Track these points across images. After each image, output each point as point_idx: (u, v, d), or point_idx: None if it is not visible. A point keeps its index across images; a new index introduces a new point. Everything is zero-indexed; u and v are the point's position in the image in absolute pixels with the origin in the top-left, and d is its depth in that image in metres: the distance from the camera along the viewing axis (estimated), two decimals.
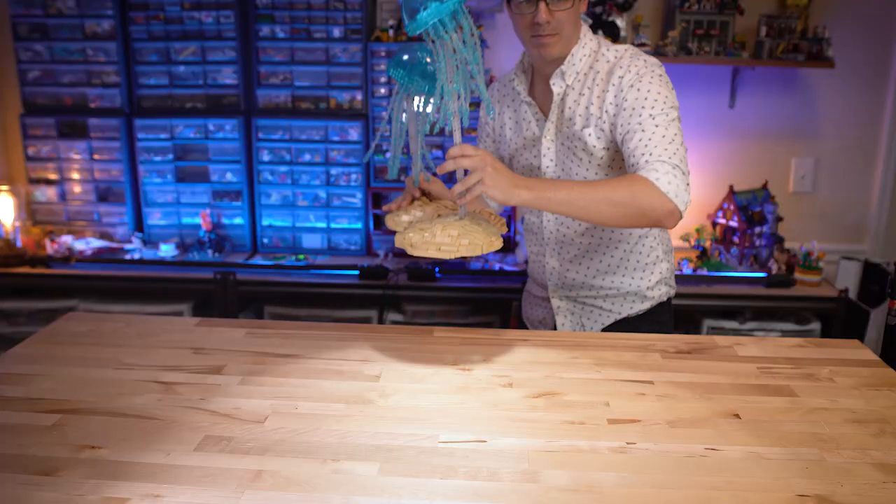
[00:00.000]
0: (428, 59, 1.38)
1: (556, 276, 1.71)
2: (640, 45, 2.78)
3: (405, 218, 1.44)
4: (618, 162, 1.55)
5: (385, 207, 1.55)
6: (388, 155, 1.32)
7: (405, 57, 1.41)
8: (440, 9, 1.22)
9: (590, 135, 1.52)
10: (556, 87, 1.55)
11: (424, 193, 1.55)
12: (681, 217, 1.36)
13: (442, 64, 1.25)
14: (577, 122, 1.54)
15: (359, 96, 2.88)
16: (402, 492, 0.94)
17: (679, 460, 1.02)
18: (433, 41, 1.25)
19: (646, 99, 1.44)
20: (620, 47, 1.55)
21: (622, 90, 1.47)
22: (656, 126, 1.41)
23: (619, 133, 1.47)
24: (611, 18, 2.82)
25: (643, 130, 1.41)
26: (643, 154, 1.39)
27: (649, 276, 1.68)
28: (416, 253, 1.27)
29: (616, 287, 1.67)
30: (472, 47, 1.24)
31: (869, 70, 2.95)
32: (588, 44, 1.55)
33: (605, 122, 1.51)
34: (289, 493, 0.93)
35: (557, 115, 1.58)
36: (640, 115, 1.43)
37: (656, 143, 1.39)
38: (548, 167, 1.61)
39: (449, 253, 1.24)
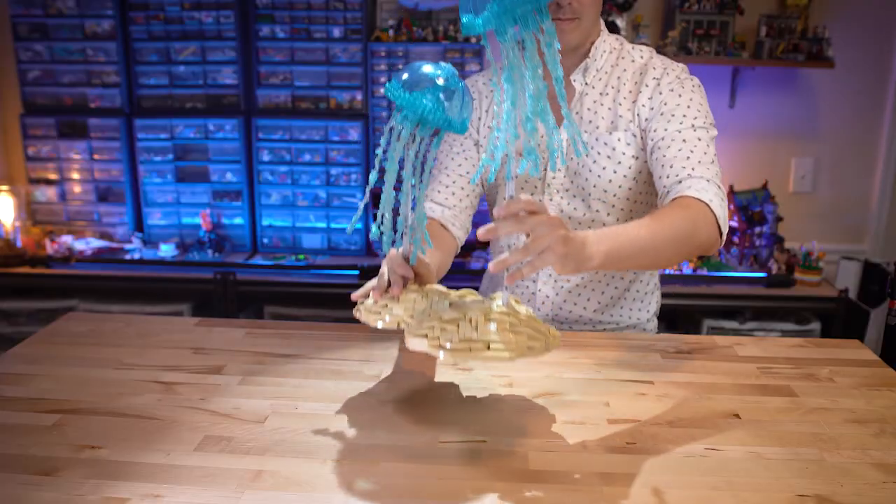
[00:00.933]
0: (442, 80, 1.05)
1: (549, 308, 1.53)
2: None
3: (398, 311, 1.10)
4: (644, 175, 1.41)
5: (358, 295, 1.17)
6: (381, 138, 1.10)
7: (418, 75, 1.06)
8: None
9: (619, 140, 1.39)
10: (578, 83, 1.41)
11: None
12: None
13: (508, 86, 0.95)
14: (601, 125, 1.41)
15: (359, 96, 2.88)
16: (403, 492, 0.94)
17: (679, 460, 1.02)
18: (503, 51, 0.96)
19: (688, 107, 1.34)
20: (644, 48, 1.45)
21: (660, 92, 1.37)
22: (699, 140, 1.31)
23: (651, 138, 1.35)
24: (611, 18, 2.82)
25: (685, 141, 1.30)
26: (685, 167, 1.27)
27: (647, 306, 1.60)
28: (456, 359, 0.95)
29: (616, 321, 1.55)
30: (554, 61, 0.96)
31: (869, 70, 2.95)
32: (609, 39, 1.44)
33: (636, 127, 1.39)
34: (289, 493, 0.93)
35: (573, 116, 1.45)
36: (682, 123, 1.32)
37: (699, 157, 1.28)
38: (554, 178, 1.45)
39: (513, 357, 0.95)
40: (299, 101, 2.90)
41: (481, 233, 0.98)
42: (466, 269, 2.71)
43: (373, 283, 1.16)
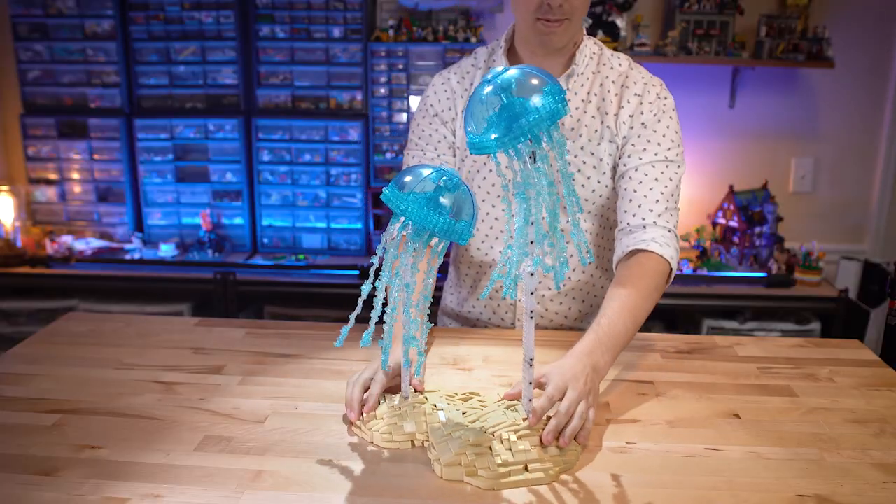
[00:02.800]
0: (449, 201, 1.01)
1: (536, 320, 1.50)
2: (640, 45, 2.78)
3: (409, 427, 1.05)
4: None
5: (354, 414, 1.09)
6: (378, 247, 1.02)
7: (423, 186, 1.01)
8: (543, 115, 0.90)
9: (605, 151, 1.38)
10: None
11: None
12: None
13: (521, 201, 0.93)
14: (585, 133, 1.39)
15: (359, 96, 2.88)
16: (403, 491, 0.94)
17: (679, 460, 1.02)
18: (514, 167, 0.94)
19: (664, 136, 1.35)
20: (621, 56, 1.43)
21: (641, 112, 1.36)
22: (669, 180, 1.34)
23: (624, 163, 1.36)
24: (611, 18, 2.82)
25: (656, 179, 1.33)
26: (652, 211, 1.31)
27: None
28: (495, 487, 0.94)
29: None
30: (569, 183, 0.96)
31: (869, 70, 2.95)
32: (589, 44, 1.41)
33: (618, 139, 1.38)
34: (289, 493, 0.93)
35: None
36: (656, 155, 1.34)
37: (665, 202, 1.33)
38: None
39: (553, 478, 0.97)
40: (299, 101, 2.90)
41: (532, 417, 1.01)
42: None
43: (356, 396, 1.10)
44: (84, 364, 1.30)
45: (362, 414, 1.09)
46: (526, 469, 0.96)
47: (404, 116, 2.87)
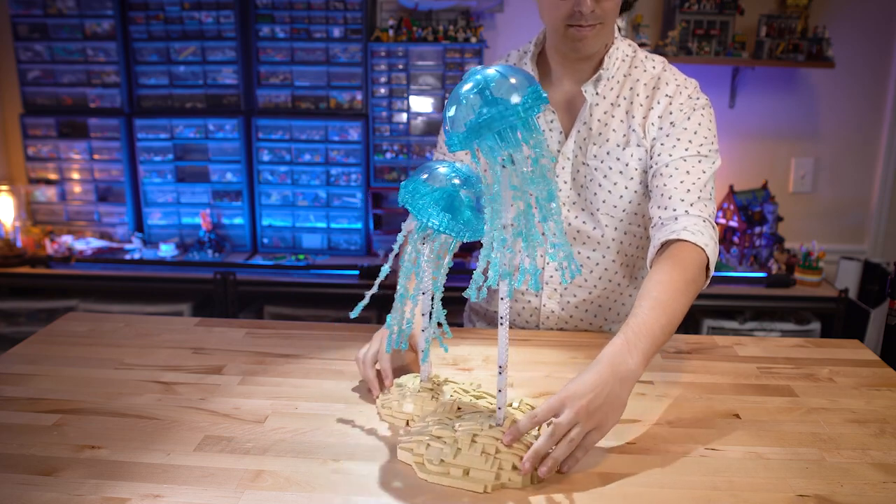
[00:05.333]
0: (464, 194, 1.01)
1: (554, 322, 1.50)
2: (640, 45, 2.77)
3: (408, 408, 1.10)
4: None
5: (377, 391, 1.18)
6: (383, 262, 1.01)
7: (437, 181, 1.00)
8: (504, 113, 0.89)
9: (632, 156, 1.35)
10: (589, 94, 1.35)
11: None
12: None
13: (495, 205, 0.92)
14: (613, 138, 1.36)
15: (359, 96, 2.88)
16: (402, 492, 0.94)
17: (679, 460, 1.02)
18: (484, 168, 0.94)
19: (695, 132, 1.31)
20: (657, 58, 1.40)
21: (670, 112, 1.33)
22: (702, 172, 1.29)
23: (655, 161, 1.33)
24: None
25: (687, 172, 1.29)
26: (683, 201, 1.27)
27: None
28: (432, 480, 0.96)
29: None
30: (543, 179, 0.92)
31: (869, 70, 2.95)
32: (622, 46, 1.38)
33: (647, 142, 1.35)
34: (289, 493, 0.93)
35: (581, 127, 1.38)
36: (687, 150, 1.30)
37: (698, 192, 1.27)
38: (560, 190, 1.39)
39: (485, 489, 0.94)
40: (299, 101, 2.90)
41: (507, 440, 0.96)
42: (466, 268, 2.71)
43: (371, 375, 1.20)
44: (84, 364, 1.30)
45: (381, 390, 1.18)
46: (467, 474, 0.95)
47: (404, 116, 2.87)
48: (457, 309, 1.68)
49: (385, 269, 1.05)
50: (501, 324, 0.98)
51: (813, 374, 1.30)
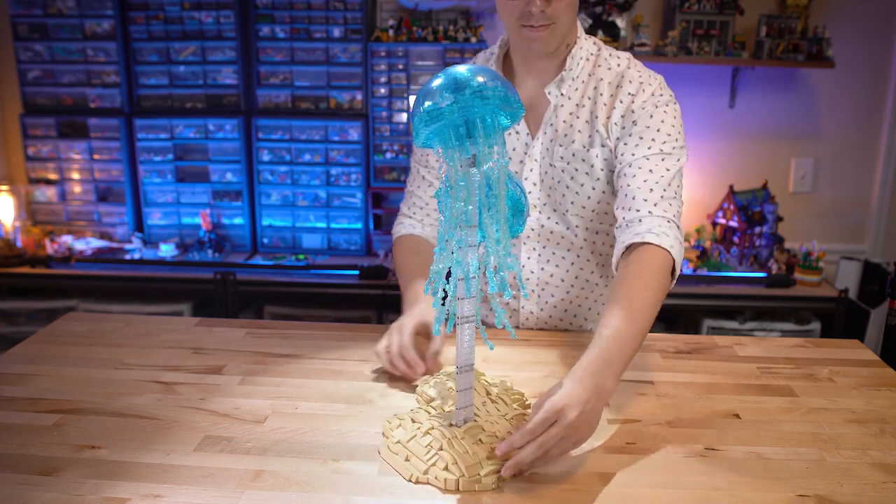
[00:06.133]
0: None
1: (534, 323, 1.51)
2: (640, 45, 2.78)
3: (432, 393, 1.13)
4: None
5: (420, 369, 1.24)
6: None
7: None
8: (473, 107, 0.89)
9: (597, 156, 1.34)
10: (553, 96, 1.35)
11: None
12: None
13: (446, 200, 0.94)
14: (578, 139, 1.35)
15: (359, 96, 2.88)
16: (402, 492, 0.94)
17: (679, 460, 1.02)
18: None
19: (658, 130, 1.30)
20: (622, 54, 1.39)
21: (633, 111, 1.31)
22: (666, 170, 1.27)
23: (620, 161, 1.32)
24: (611, 18, 2.82)
25: (651, 171, 1.27)
26: (647, 201, 1.25)
27: None
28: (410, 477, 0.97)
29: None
30: (505, 181, 0.94)
31: (869, 70, 2.95)
32: (586, 45, 1.37)
33: (610, 142, 1.34)
34: (289, 493, 0.93)
35: (547, 129, 1.37)
36: (650, 149, 1.29)
37: (661, 192, 1.26)
38: (530, 192, 1.40)
39: (450, 490, 0.95)
40: (299, 101, 2.90)
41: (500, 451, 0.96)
42: None
43: (402, 367, 1.25)
44: (84, 364, 1.30)
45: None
46: (407, 460, 0.98)
47: (404, 116, 2.87)
48: None
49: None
50: (462, 323, 0.98)
51: (813, 374, 1.30)
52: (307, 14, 2.82)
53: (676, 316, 2.86)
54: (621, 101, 1.33)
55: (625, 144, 1.31)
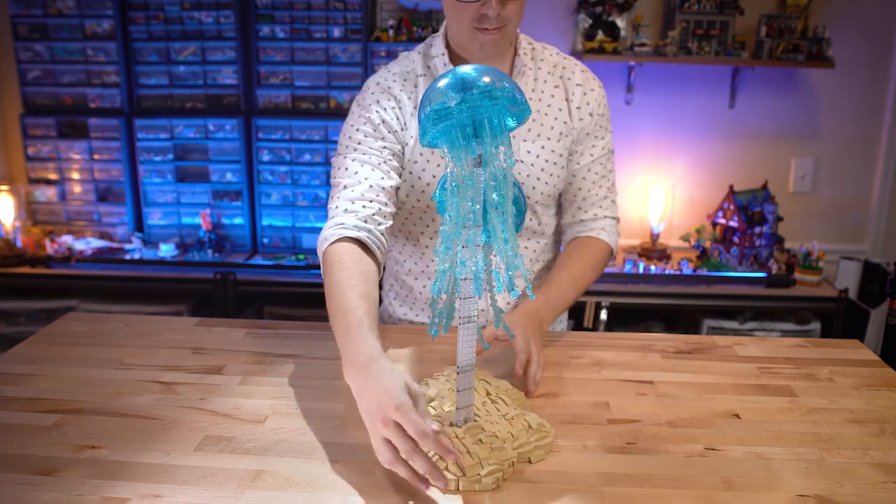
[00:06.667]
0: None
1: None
2: (640, 45, 2.78)
3: (431, 392, 1.12)
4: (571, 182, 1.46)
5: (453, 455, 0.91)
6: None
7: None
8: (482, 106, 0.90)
9: (564, 147, 1.41)
10: None
11: None
12: None
13: (453, 199, 0.92)
14: (543, 132, 1.40)
15: None
16: (402, 492, 0.94)
17: (679, 460, 1.02)
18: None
19: (606, 129, 1.45)
20: (548, 46, 1.44)
21: (587, 104, 1.41)
22: (609, 171, 1.48)
23: (577, 161, 1.43)
24: (611, 18, 2.82)
25: (600, 175, 1.46)
26: (600, 206, 1.48)
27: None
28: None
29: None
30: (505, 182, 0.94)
31: (869, 70, 2.95)
32: (523, 40, 1.41)
33: (574, 132, 1.41)
34: (289, 493, 0.93)
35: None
36: (603, 149, 1.45)
37: (606, 191, 1.48)
38: None
39: (450, 490, 0.94)
40: (299, 101, 2.90)
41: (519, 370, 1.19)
42: None
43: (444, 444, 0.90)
44: (84, 364, 1.30)
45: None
46: (445, 469, 0.94)
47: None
48: None
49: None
50: (464, 323, 0.98)
51: (813, 374, 1.30)
52: (307, 14, 2.82)
53: (676, 316, 2.86)
54: (574, 94, 1.41)
55: (583, 144, 1.43)
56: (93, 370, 1.28)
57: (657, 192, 2.95)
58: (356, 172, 1.31)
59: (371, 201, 1.29)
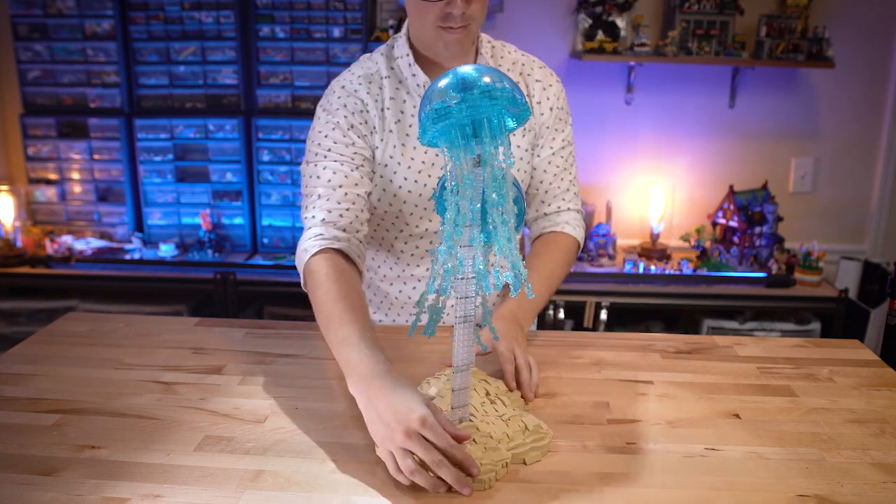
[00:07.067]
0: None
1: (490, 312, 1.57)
2: (640, 45, 2.78)
3: (432, 392, 1.13)
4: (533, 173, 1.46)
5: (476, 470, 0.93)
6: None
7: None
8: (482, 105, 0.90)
9: (524, 140, 1.41)
10: None
11: None
12: None
13: (454, 198, 0.92)
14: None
15: None
16: (402, 492, 0.94)
17: (679, 460, 1.02)
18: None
19: (566, 122, 1.45)
20: (507, 44, 1.44)
21: (548, 98, 1.41)
22: (571, 164, 1.47)
23: (539, 154, 1.43)
24: (611, 18, 2.82)
25: (563, 168, 1.45)
26: (563, 199, 1.47)
27: None
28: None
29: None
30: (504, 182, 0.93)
31: (869, 70, 2.95)
32: (483, 39, 1.41)
33: (536, 126, 1.42)
34: (289, 493, 0.93)
35: None
36: (564, 140, 1.44)
37: (568, 184, 1.47)
38: None
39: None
40: (299, 101, 2.90)
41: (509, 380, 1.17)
42: None
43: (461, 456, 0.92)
44: (84, 364, 1.30)
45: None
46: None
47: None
48: None
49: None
50: (462, 323, 0.98)
51: (813, 374, 1.30)
52: (307, 14, 2.82)
53: (676, 316, 2.86)
54: (535, 89, 1.42)
55: (545, 137, 1.44)
56: (93, 370, 1.28)
57: (657, 192, 2.95)
58: (329, 180, 1.28)
59: (348, 210, 1.26)
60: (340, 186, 1.27)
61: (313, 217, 1.25)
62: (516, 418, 1.06)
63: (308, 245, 1.21)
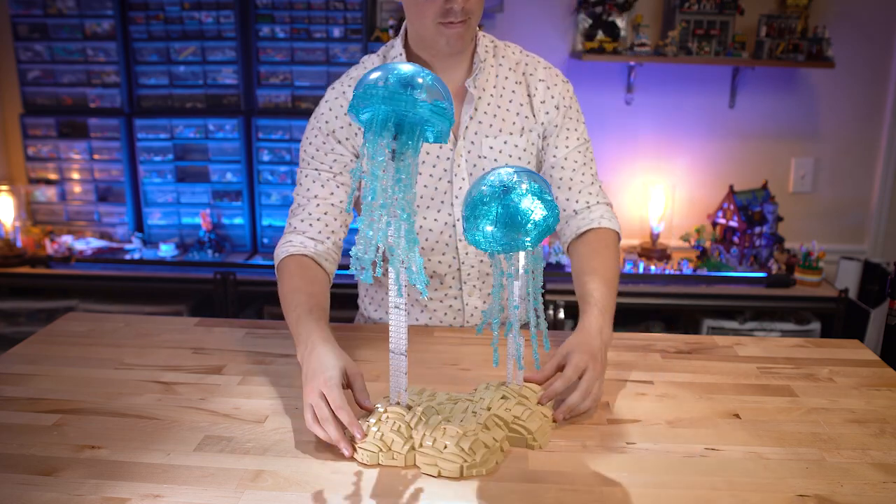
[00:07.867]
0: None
1: (478, 319, 1.52)
2: (640, 45, 2.78)
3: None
4: (533, 165, 1.46)
5: (356, 437, 1.02)
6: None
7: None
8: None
9: (522, 138, 1.41)
10: (472, 87, 1.37)
11: None
12: None
13: (368, 180, 0.96)
14: (504, 127, 1.41)
15: None
16: (403, 492, 0.94)
17: (679, 460, 1.02)
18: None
19: (578, 120, 1.45)
20: (510, 44, 1.45)
21: (552, 98, 1.42)
22: (591, 160, 1.47)
23: (553, 154, 1.43)
24: (611, 18, 2.82)
25: (581, 163, 1.45)
26: (590, 193, 1.45)
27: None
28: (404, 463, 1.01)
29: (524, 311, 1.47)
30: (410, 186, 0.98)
31: (869, 70, 2.95)
32: (484, 41, 1.42)
33: (538, 126, 1.42)
34: (289, 493, 0.93)
35: (469, 122, 1.40)
36: (578, 140, 1.44)
37: (591, 177, 1.46)
38: (461, 188, 1.40)
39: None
40: (299, 101, 2.90)
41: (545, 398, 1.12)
42: None
43: (336, 436, 1.01)
44: (84, 364, 1.30)
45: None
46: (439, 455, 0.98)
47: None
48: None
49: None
50: (397, 308, 1.02)
51: (813, 374, 1.30)
52: (307, 14, 2.82)
53: (676, 316, 2.86)
54: (537, 89, 1.42)
55: (556, 138, 1.44)
56: (93, 370, 1.28)
57: (657, 192, 2.95)
58: (308, 189, 1.38)
59: (318, 220, 1.36)
60: (315, 196, 1.37)
61: (290, 224, 1.38)
62: (498, 429, 1.06)
63: (279, 251, 1.35)
